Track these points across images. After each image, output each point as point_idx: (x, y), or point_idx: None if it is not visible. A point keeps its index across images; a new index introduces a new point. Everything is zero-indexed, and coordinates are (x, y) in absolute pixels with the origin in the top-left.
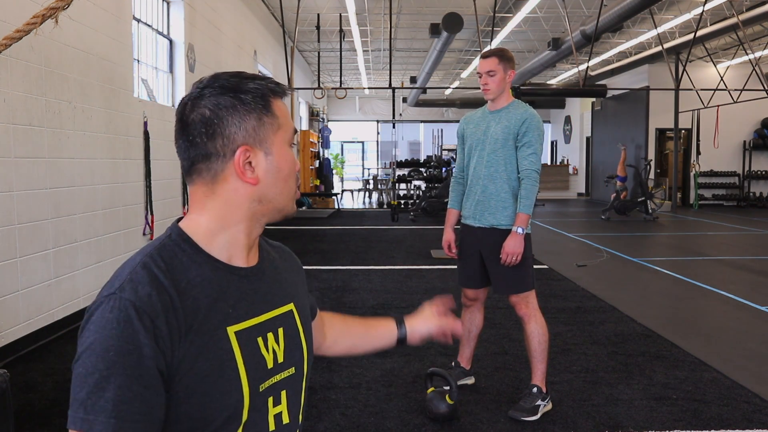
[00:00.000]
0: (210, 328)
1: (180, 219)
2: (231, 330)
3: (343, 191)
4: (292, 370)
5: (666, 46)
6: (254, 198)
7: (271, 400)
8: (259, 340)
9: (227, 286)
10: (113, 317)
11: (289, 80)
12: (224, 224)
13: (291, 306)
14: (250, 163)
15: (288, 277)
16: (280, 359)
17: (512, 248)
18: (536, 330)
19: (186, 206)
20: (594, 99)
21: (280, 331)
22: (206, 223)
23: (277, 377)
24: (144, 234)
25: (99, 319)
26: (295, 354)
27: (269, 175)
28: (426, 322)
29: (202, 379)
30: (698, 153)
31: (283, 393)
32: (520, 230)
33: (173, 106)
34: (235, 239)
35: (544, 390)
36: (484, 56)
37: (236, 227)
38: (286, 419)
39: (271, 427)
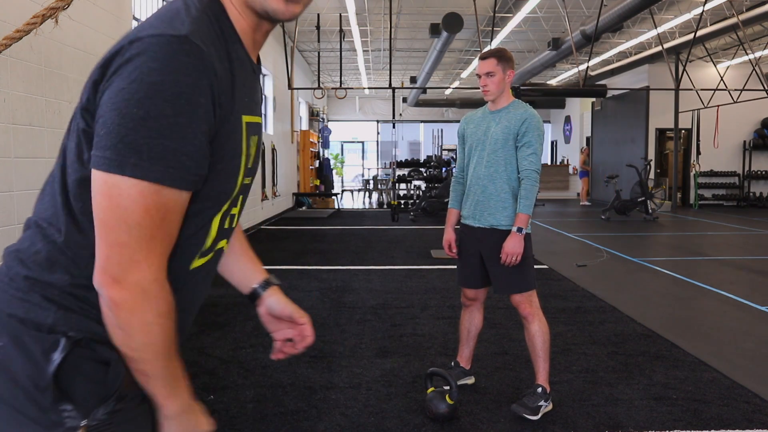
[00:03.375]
0: (237, 108)
1: None
2: (245, 119)
3: (343, 191)
4: (248, 180)
5: (666, 46)
6: None
7: (240, 198)
8: (253, 138)
9: (248, 75)
10: (189, 62)
11: (289, 80)
12: None
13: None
14: None
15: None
16: (249, 164)
17: (512, 248)
18: (540, 329)
19: None
20: (594, 99)
21: (255, 138)
22: None
23: (247, 180)
24: None
25: (170, 57)
26: (256, 166)
27: None
28: (287, 306)
29: (223, 157)
30: (698, 153)
31: (241, 198)
32: (519, 230)
33: None
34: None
35: (548, 390)
36: (483, 57)
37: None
38: (235, 222)
39: (226, 224)
